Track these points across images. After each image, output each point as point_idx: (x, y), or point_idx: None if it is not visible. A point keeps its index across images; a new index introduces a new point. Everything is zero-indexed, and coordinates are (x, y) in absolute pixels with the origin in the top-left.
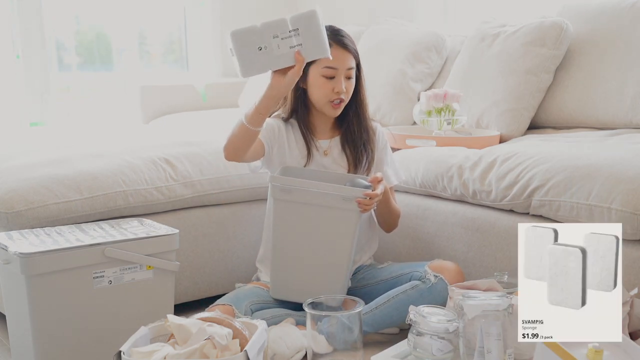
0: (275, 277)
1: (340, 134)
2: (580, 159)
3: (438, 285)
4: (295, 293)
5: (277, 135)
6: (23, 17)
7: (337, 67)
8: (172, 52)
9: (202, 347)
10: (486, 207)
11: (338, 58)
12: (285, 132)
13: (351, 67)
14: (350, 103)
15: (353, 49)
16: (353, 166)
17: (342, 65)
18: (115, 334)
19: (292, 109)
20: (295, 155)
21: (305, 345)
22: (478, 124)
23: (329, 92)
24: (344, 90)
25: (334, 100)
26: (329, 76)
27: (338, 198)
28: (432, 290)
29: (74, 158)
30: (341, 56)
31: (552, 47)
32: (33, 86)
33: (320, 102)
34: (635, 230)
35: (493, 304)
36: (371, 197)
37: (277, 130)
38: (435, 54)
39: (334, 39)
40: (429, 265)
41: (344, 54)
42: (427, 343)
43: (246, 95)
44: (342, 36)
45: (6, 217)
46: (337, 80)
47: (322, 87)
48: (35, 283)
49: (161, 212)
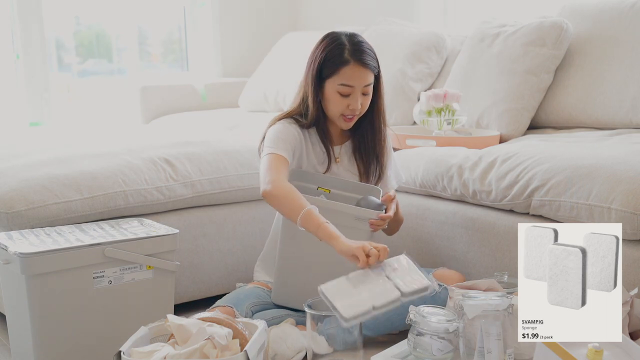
0: (278, 284)
1: (352, 141)
2: (580, 159)
3: (442, 295)
4: (297, 301)
5: (298, 142)
6: (23, 17)
7: (354, 85)
8: (172, 52)
9: (202, 347)
10: (486, 207)
11: (356, 76)
12: (304, 139)
13: (368, 84)
14: (367, 112)
15: (373, 66)
16: (365, 174)
17: (359, 83)
18: (115, 334)
19: (312, 120)
20: (313, 161)
21: (305, 345)
22: (478, 124)
23: (344, 108)
24: (359, 108)
25: (347, 114)
26: (345, 94)
27: (351, 217)
28: (436, 298)
29: (74, 158)
30: (359, 74)
31: (552, 47)
32: (33, 86)
33: (334, 115)
34: (635, 230)
35: (493, 304)
36: (383, 219)
37: (298, 137)
38: (435, 54)
39: (354, 55)
40: (434, 273)
41: (363, 71)
42: (427, 343)
43: (246, 95)
44: (363, 51)
45: (6, 217)
46: (353, 97)
47: (337, 103)
48: (35, 283)
49: (161, 212)
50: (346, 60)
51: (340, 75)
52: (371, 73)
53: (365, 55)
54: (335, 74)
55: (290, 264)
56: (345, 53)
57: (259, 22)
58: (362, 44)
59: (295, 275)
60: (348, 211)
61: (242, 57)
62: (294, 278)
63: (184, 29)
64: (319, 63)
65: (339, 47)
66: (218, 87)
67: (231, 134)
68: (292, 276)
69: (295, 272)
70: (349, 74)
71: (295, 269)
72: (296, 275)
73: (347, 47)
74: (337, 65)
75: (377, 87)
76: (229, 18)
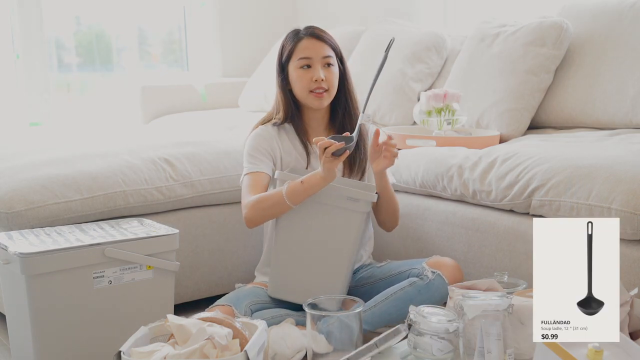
0: (275, 276)
1: (331, 133)
2: (580, 159)
3: (436, 282)
4: (294, 293)
5: (274, 143)
6: (23, 17)
7: (311, 56)
8: (172, 52)
9: (202, 347)
10: (486, 207)
11: (311, 47)
12: (279, 139)
13: (327, 55)
14: (339, 100)
15: (328, 40)
16: (348, 167)
17: (316, 54)
18: (115, 334)
19: (285, 114)
20: (294, 158)
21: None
22: (478, 124)
23: (308, 82)
24: (322, 77)
25: (315, 89)
26: (306, 65)
27: (344, 198)
28: (430, 286)
29: (74, 158)
30: (313, 45)
31: (552, 47)
32: (33, 86)
33: (302, 95)
34: (635, 230)
35: (493, 304)
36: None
37: (272, 139)
38: (435, 54)
39: (306, 30)
40: (427, 262)
41: (317, 43)
42: (427, 343)
43: (246, 95)
44: (316, 28)
45: (6, 217)
46: (314, 69)
47: (301, 78)
48: (35, 283)
49: (161, 212)
50: (300, 37)
51: (297, 51)
52: (327, 46)
53: (318, 30)
54: (293, 52)
55: (286, 254)
56: (300, 33)
57: (259, 22)
58: (316, 27)
59: (292, 265)
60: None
61: (242, 57)
62: (291, 268)
63: (184, 29)
64: (280, 54)
65: (293, 32)
66: (218, 87)
67: (231, 134)
68: (289, 266)
69: (292, 262)
70: (304, 46)
71: (291, 259)
72: (292, 265)
73: (301, 29)
74: (293, 45)
75: (344, 72)
76: (229, 18)
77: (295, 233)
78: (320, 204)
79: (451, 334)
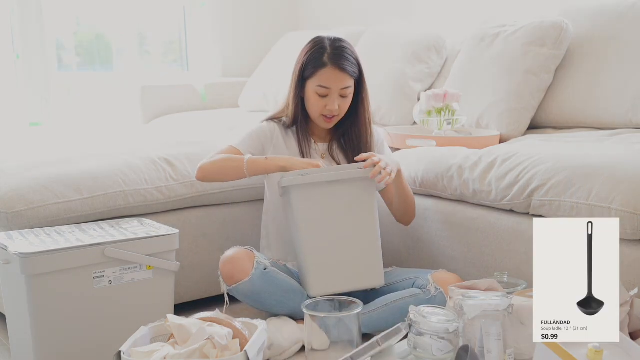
0: (311, 275)
1: (335, 140)
2: (580, 159)
3: (437, 299)
4: (337, 283)
5: (269, 138)
6: (23, 17)
7: (331, 87)
8: (172, 52)
9: (202, 347)
10: (486, 207)
11: (332, 79)
12: (283, 136)
13: (346, 86)
14: (350, 114)
15: (351, 71)
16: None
17: (336, 86)
18: (115, 334)
19: (293, 118)
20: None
21: (302, 338)
22: (478, 124)
23: (321, 109)
24: (336, 109)
25: (326, 115)
26: (323, 95)
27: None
28: (431, 302)
29: (74, 158)
30: (335, 77)
31: (552, 47)
32: (33, 86)
33: (314, 115)
34: (635, 230)
35: (493, 304)
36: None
37: (269, 134)
38: (435, 54)
39: (332, 59)
40: (433, 274)
41: (339, 75)
42: (427, 343)
43: (246, 95)
44: (342, 56)
45: (6, 217)
46: (330, 99)
47: (315, 103)
48: (35, 283)
49: (161, 212)
50: (324, 64)
51: (318, 77)
52: (349, 77)
53: (343, 60)
54: (314, 75)
55: (314, 247)
56: (325, 57)
57: (258, 22)
58: (344, 49)
59: (324, 257)
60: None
61: (242, 57)
62: (324, 260)
63: (184, 29)
64: (302, 65)
65: (320, 50)
66: (218, 87)
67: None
68: (321, 258)
69: (323, 253)
70: (326, 76)
71: (321, 250)
72: (324, 256)
73: (328, 51)
74: (316, 68)
75: (360, 91)
76: (229, 18)
77: (316, 220)
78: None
79: (451, 334)
